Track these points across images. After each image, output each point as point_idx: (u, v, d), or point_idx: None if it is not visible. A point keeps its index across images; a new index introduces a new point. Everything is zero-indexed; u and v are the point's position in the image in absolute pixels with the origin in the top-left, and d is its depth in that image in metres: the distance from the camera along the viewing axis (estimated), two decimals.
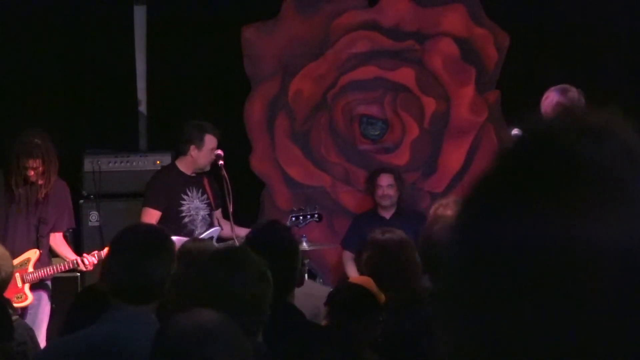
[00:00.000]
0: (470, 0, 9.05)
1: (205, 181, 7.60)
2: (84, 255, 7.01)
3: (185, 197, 7.48)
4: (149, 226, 4.82)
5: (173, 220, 7.40)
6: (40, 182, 7.06)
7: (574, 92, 6.62)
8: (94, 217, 8.08)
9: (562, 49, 8.90)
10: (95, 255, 6.97)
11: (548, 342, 0.81)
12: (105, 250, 6.95)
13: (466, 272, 0.86)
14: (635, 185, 0.84)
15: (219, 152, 7.45)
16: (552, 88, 6.61)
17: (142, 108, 8.87)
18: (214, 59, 8.77)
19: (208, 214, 7.56)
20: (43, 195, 7.09)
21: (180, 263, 5.61)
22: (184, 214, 7.47)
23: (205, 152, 7.49)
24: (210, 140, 7.49)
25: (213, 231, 7.41)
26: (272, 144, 8.97)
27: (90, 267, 6.95)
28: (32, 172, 6.99)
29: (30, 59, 8.44)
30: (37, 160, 6.96)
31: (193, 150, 7.50)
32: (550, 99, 6.54)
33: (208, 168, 7.57)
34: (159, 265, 3.63)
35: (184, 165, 7.55)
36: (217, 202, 7.59)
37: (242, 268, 3.65)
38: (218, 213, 7.60)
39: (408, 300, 4.69)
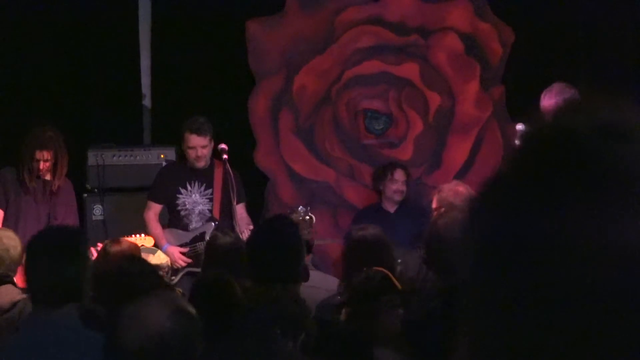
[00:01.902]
0: None
1: (217, 176, 7.53)
2: (98, 244, 7.06)
3: (183, 190, 7.47)
4: (62, 228, 4.82)
5: (172, 213, 7.48)
6: (50, 176, 7.14)
7: (573, 90, 6.63)
8: (97, 211, 8.09)
9: (567, 44, 8.89)
10: None
11: (571, 342, 0.81)
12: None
13: (486, 272, 0.85)
14: None
15: (223, 146, 7.42)
16: (549, 90, 6.60)
17: (146, 102, 8.88)
18: (218, 53, 8.77)
19: (209, 209, 7.52)
20: (56, 188, 7.17)
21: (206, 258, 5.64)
22: (179, 208, 7.47)
23: (186, 150, 7.46)
24: (187, 139, 7.38)
25: (206, 227, 7.38)
26: (276, 139, 8.96)
27: None
28: (42, 165, 7.06)
29: (35, 54, 8.45)
30: (50, 152, 7.07)
31: (183, 145, 7.50)
32: (556, 99, 6.53)
33: (198, 165, 7.46)
34: (73, 266, 3.65)
35: (188, 159, 7.56)
36: (230, 196, 7.44)
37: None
38: (240, 207, 7.47)
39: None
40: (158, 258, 6.33)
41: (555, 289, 0.81)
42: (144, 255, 6.27)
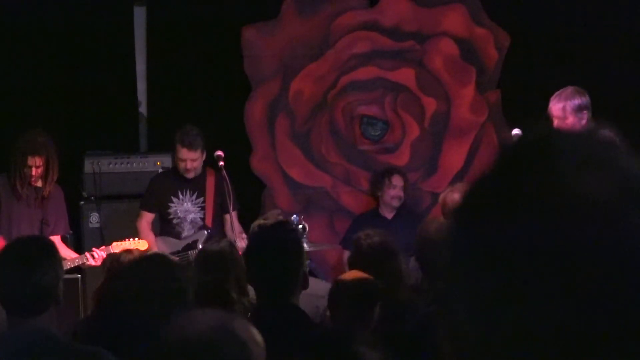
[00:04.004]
0: (470, 0, 9.04)
1: (209, 184, 7.52)
2: (94, 249, 7.06)
3: (175, 199, 7.46)
4: (30, 237, 4.88)
5: (165, 221, 7.49)
6: (41, 183, 7.13)
7: (583, 93, 6.67)
8: (94, 219, 8.08)
9: (563, 48, 8.89)
10: (104, 250, 7.02)
11: (550, 334, 0.84)
12: (114, 245, 6.99)
13: (466, 273, 0.88)
14: (605, 156, 0.89)
15: (219, 153, 7.42)
16: (559, 94, 6.63)
17: (143, 109, 8.87)
18: (214, 59, 8.77)
19: (201, 217, 7.51)
20: (47, 194, 7.16)
21: (196, 265, 5.64)
22: (171, 216, 7.47)
23: (177, 160, 7.45)
24: (178, 150, 7.37)
25: (197, 235, 7.38)
26: (272, 144, 8.96)
27: (99, 262, 6.97)
28: (34, 171, 7.05)
29: (31, 61, 8.44)
30: (41, 158, 7.05)
31: (175, 155, 7.49)
32: (564, 104, 6.57)
33: (187, 176, 7.40)
34: (45, 274, 3.68)
35: (178, 169, 7.54)
36: (224, 204, 7.42)
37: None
38: (233, 215, 7.44)
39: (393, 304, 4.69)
40: None
41: (535, 281, 0.85)
42: None
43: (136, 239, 7.18)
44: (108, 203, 8.13)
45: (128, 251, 5.82)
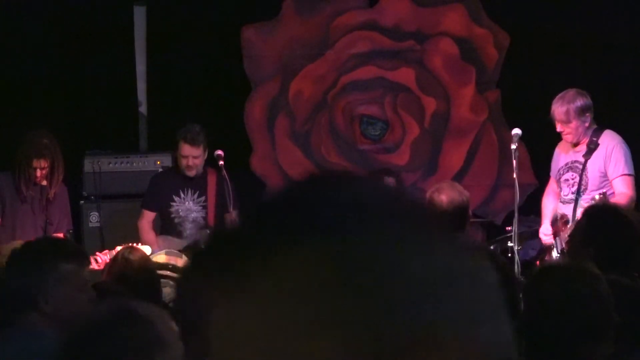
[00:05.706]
0: (470, 0, 9.05)
1: (210, 183, 7.53)
2: (97, 254, 7.05)
3: (176, 198, 7.47)
4: (43, 239, 4.96)
5: (166, 220, 7.49)
6: (46, 182, 7.14)
7: (585, 95, 6.70)
8: (94, 218, 8.09)
9: (562, 48, 8.89)
10: (107, 254, 7.01)
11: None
12: (117, 249, 7.00)
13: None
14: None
15: (219, 152, 7.43)
16: (562, 97, 6.69)
17: (143, 109, 8.87)
18: (213, 59, 8.77)
19: (202, 217, 7.52)
20: (52, 196, 7.17)
21: None
22: (173, 215, 7.48)
23: (179, 157, 7.45)
24: (180, 147, 7.37)
25: (200, 234, 7.39)
26: (272, 144, 8.97)
27: (102, 266, 6.97)
28: (39, 173, 7.06)
29: (31, 60, 8.44)
30: (46, 161, 7.05)
31: (176, 153, 7.50)
32: (568, 106, 6.63)
33: (189, 174, 7.42)
34: (32, 274, 3.70)
35: (180, 167, 7.55)
36: (226, 204, 7.43)
37: None
38: (233, 214, 7.46)
39: None
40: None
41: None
42: (172, 259, 6.31)
43: (139, 244, 7.18)
44: (108, 202, 8.14)
45: (130, 248, 5.80)
